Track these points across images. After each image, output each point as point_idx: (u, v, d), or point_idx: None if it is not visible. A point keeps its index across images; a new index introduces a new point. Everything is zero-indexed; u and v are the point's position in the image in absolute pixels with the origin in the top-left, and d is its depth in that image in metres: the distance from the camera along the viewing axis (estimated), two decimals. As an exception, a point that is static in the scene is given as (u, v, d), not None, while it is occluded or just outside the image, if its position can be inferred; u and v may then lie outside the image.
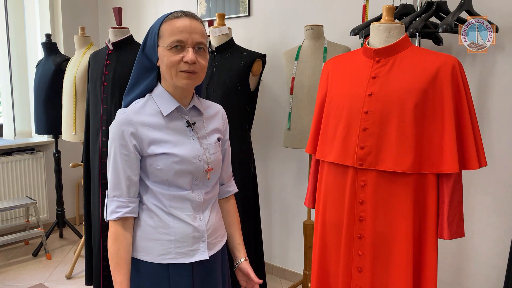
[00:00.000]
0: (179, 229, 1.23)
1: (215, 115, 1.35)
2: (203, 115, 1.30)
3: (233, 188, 1.46)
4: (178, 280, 1.22)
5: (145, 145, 1.20)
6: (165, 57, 1.17)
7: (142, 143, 1.20)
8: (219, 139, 1.33)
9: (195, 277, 1.25)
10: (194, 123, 1.26)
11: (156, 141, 1.20)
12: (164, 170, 1.20)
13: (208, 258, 1.27)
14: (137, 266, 1.23)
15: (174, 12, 1.20)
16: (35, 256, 3.37)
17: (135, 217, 1.25)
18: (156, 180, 1.22)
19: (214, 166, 1.28)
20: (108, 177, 1.23)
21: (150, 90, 1.27)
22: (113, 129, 1.21)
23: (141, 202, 1.25)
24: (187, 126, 1.25)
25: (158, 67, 1.25)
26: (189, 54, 1.16)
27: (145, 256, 1.22)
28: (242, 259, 1.39)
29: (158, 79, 1.29)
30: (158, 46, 1.20)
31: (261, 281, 1.35)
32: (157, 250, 1.22)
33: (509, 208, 2.10)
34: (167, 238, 1.22)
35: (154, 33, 1.20)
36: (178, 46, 1.16)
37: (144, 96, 1.27)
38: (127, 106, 1.27)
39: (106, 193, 1.23)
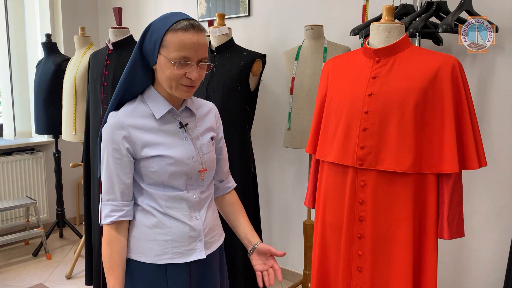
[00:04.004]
0: (176, 228, 1.22)
1: (208, 113, 1.34)
2: (195, 116, 1.30)
3: (233, 183, 1.46)
4: (175, 280, 1.22)
5: (138, 148, 1.19)
6: (167, 69, 1.14)
7: (135, 146, 1.19)
8: (212, 138, 1.32)
9: (192, 277, 1.25)
10: (187, 124, 1.26)
11: (150, 143, 1.19)
12: (159, 172, 1.19)
13: (205, 257, 1.26)
14: (134, 268, 1.23)
15: (180, 20, 1.13)
16: (35, 256, 3.37)
17: (130, 220, 1.24)
18: (150, 182, 1.21)
19: (208, 166, 1.28)
20: (102, 181, 1.22)
21: (141, 91, 1.24)
22: (105, 132, 1.19)
23: (136, 204, 1.24)
24: (180, 128, 1.25)
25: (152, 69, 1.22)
26: (194, 73, 1.14)
27: (141, 257, 1.22)
28: (258, 242, 1.33)
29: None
30: (160, 53, 1.15)
31: (285, 253, 1.28)
32: (154, 250, 1.21)
33: (509, 208, 2.10)
34: (163, 238, 1.22)
35: (157, 39, 1.14)
36: (183, 62, 1.13)
37: (135, 97, 1.25)
38: (116, 107, 1.24)
39: (100, 197, 1.23)
